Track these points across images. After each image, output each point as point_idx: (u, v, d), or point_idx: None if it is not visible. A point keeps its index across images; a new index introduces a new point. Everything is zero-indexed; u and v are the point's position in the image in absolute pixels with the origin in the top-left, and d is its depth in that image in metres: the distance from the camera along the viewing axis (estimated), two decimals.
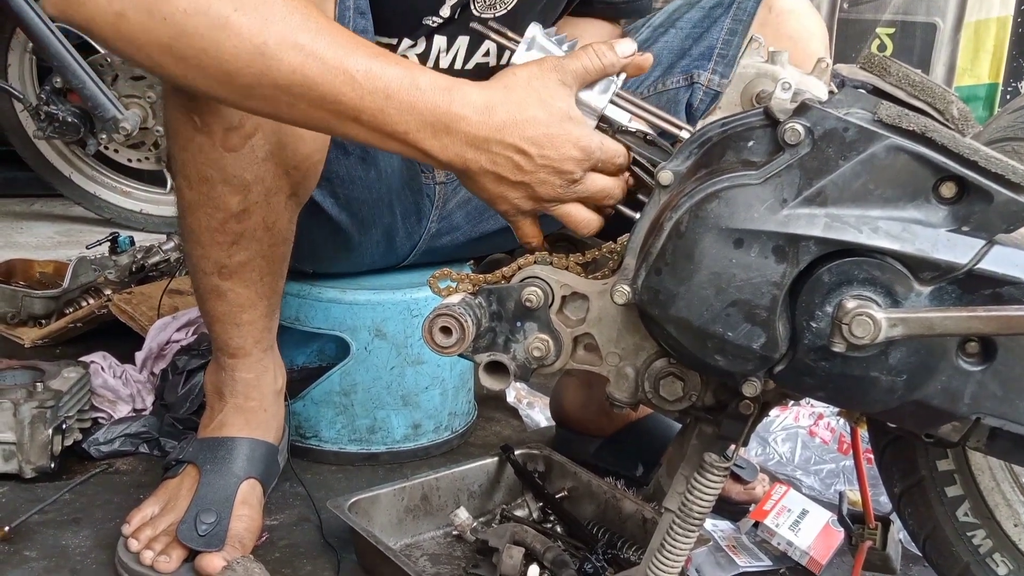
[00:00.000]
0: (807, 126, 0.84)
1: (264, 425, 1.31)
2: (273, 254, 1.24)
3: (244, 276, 1.24)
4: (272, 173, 1.18)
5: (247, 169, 1.16)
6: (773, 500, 1.36)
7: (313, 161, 1.22)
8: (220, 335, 1.29)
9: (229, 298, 1.25)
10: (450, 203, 1.50)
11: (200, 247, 1.22)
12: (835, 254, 0.85)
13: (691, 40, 1.42)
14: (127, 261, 2.06)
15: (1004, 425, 0.88)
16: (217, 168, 1.15)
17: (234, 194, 1.17)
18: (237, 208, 1.18)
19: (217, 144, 1.14)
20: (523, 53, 1.00)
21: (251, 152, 1.15)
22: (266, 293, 1.27)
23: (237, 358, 1.30)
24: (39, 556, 1.24)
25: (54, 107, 2.66)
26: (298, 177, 1.21)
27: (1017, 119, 1.04)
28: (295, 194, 1.23)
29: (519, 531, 1.22)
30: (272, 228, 1.22)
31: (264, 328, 1.29)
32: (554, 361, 0.99)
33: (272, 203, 1.20)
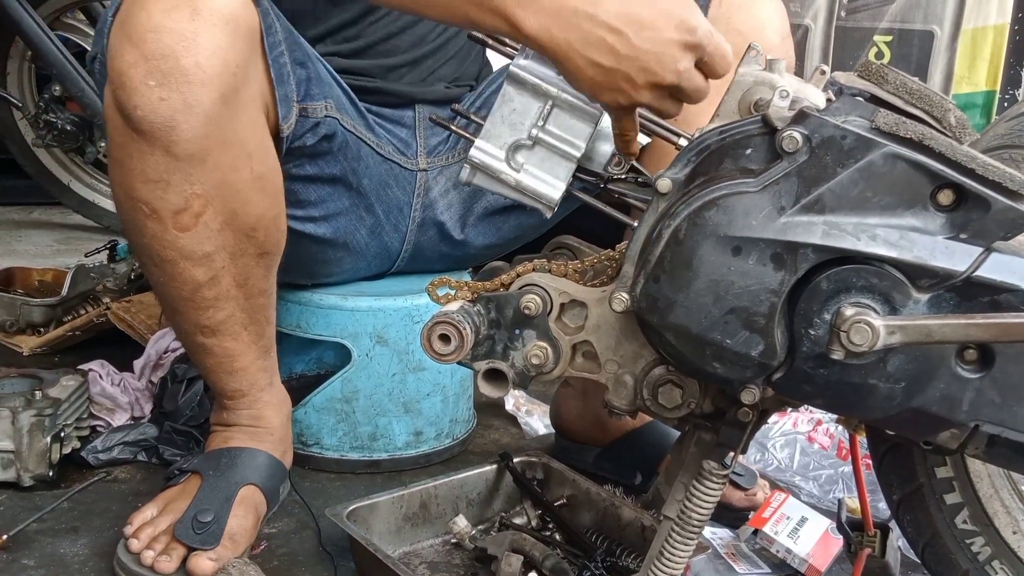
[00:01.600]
0: (805, 134, 0.85)
1: (271, 444, 1.32)
2: (252, 306, 1.24)
3: (227, 331, 1.24)
4: (232, 239, 1.18)
5: (204, 243, 1.16)
6: (772, 507, 1.36)
7: (269, 218, 1.22)
8: (216, 383, 1.30)
9: (217, 352, 1.26)
10: (432, 191, 1.50)
11: (177, 314, 1.23)
12: (833, 261, 0.85)
13: None
14: (126, 269, 2.06)
15: (1002, 432, 0.88)
16: (175, 249, 1.16)
17: (197, 267, 1.17)
18: (204, 278, 1.18)
19: (169, 227, 1.14)
20: (521, 61, 1.00)
21: (205, 227, 1.15)
22: (253, 340, 1.27)
23: (236, 399, 1.31)
24: (37, 564, 1.24)
25: (53, 115, 2.66)
26: (260, 237, 1.21)
27: (1014, 127, 1.04)
28: (265, 252, 1.23)
29: (518, 539, 1.22)
30: (245, 285, 1.22)
31: (259, 370, 1.30)
32: (553, 368, 0.99)
33: (239, 264, 1.20)
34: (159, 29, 1.07)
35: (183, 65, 1.07)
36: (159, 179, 1.12)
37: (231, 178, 1.15)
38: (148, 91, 1.07)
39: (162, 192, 1.12)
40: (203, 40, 1.08)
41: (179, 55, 1.07)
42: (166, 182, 1.12)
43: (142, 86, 1.07)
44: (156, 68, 1.07)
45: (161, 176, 1.12)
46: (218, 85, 1.10)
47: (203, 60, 1.08)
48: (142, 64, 1.07)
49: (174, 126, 1.09)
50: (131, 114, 1.08)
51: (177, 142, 1.10)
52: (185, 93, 1.08)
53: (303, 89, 1.25)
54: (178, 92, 1.08)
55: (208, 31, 1.09)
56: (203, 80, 1.08)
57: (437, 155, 1.50)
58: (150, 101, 1.08)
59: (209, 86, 1.09)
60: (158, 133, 1.09)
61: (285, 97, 1.20)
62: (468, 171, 1.02)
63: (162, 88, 1.07)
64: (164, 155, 1.10)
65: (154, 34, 1.07)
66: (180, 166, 1.11)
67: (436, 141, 1.50)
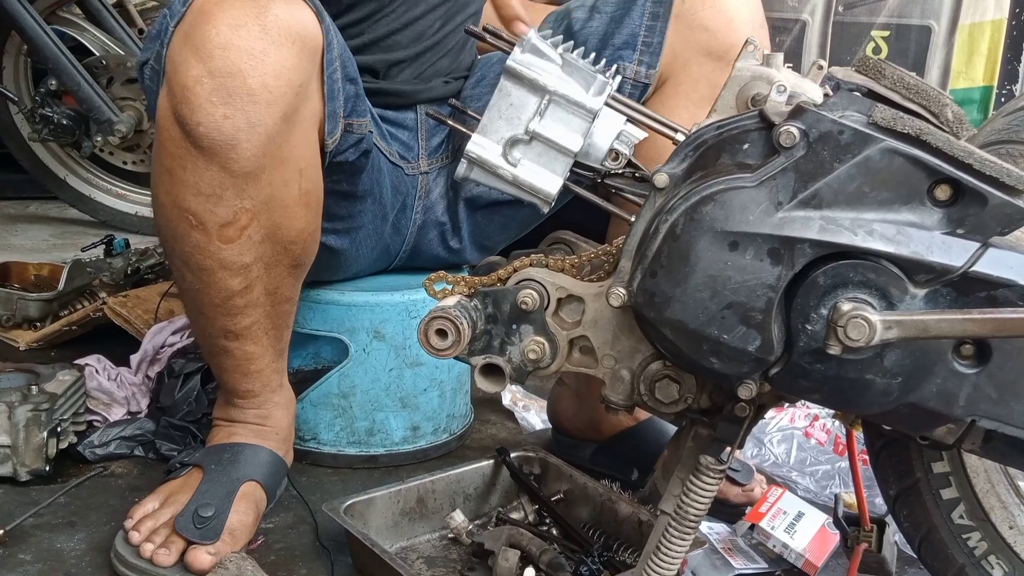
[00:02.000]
0: (802, 129, 0.85)
1: (275, 443, 1.32)
2: (277, 312, 1.25)
3: (250, 336, 1.24)
4: (271, 251, 1.19)
5: (245, 254, 1.17)
6: (769, 502, 1.36)
7: (308, 232, 1.23)
8: (229, 382, 1.30)
9: (237, 355, 1.26)
10: (433, 193, 1.50)
11: (204, 318, 1.23)
12: (830, 257, 0.85)
13: (614, 24, 1.37)
14: (122, 264, 2.06)
15: (999, 427, 0.88)
16: (216, 259, 1.16)
17: (234, 276, 1.17)
18: (239, 287, 1.19)
19: (214, 239, 1.14)
20: (518, 55, 1.00)
21: (248, 240, 1.16)
22: (272, 344, 1.28)
23: (247, 399, 1.31)
24: (34, 559, 1.24)
25: (49, 110, 2.66)
26: (297, 251, 1.22)
27: (1012, 122, 1.04)
28: (298, 264, 1.24)
29: (515, 534, 1.22)
30: (275, 293, 1.23)
31: (273, 372, 1.30)
32: (550, 363, 0.99)
33: (273, 274, 1.21)
34: (227, 46, 1.06)
35: (250, 85, 1.07)
36: (211, 193, 1.11)
37: (281, 194, 1.15)
38: (213, 108, 1.06)
39: (212, 206, 1.12)
40: (271, 59, 1.07)
41: (246, 74, 1.06)
42: (218, 196, 1.12)
43: (207, 103, 1.06)
44: (222, 86, 1.06)
45: (214, 191, 1.11)
46: (282, 105, 1.09)
47: (270, 80, 1.08)
48: (208, 80, 1.06)
49: (235, 144, 1.08)
50: (193, 130, 1.08)
51: (237, 160, 1.09)
52: (249, 112, 1.07)
53: (350, 105, 1.24)
54: (242, 111, 1.07)
55: (276, 50, 1.08)
56: (268, 100, 1.08)
57: (437, 155, 1.50)
58: (214, 119, 1.07)
59: (274, 106, 1.08)
60: (218, 150, 1.08)
61: (333, 113, 1.20)
62: (465, 166, 1.02)
63: (227, 106, 1.07)
64: (220, 171, 1.10)
65: (222, 51, 1.06)
66: (235, 182, 1.11)
67: (437, 142, 1.50)
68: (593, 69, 1.00)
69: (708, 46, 1.32)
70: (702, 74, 1.34)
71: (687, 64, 1.35)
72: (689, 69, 1.35)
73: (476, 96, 1.49)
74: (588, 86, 1.00)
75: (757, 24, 1.36)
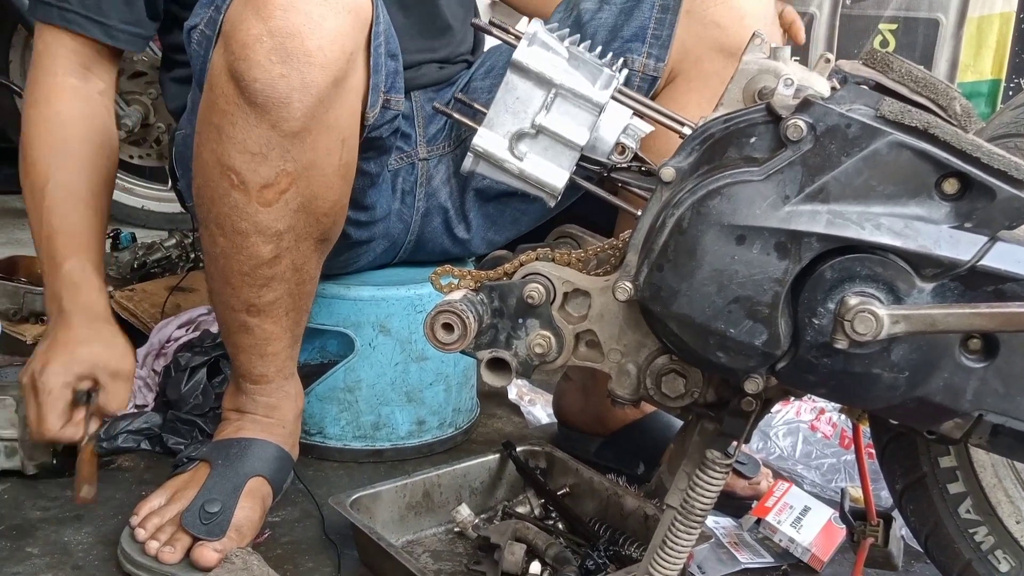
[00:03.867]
0: (809, 122, 0.84)
1: (281, 437, 1.32)
2: (300, 292, 1.26)
3: (272, 313, 1.25)
4: (304, 221, 1.20)
5: (280, 220, 1.18)
6: (775, 497, 1.36)
7: (341, 206, 1.25)
8: (244, 364, 1.30)
9: (256, 333, 1.26)
10: (434, 180, 1.50)
11: (230, 287, 1.23)
12: (837, 251, 0.84)
13: (623, 16, 1.37)
14: (129, 258, 2.06)
15: (1006, 422, 0.87)
16: (252, 222, 1.17)
17: (267, 243, 1.19)
18: (269, 256, 1.19)
19: (253, 200, 1.16)
20: (525, 49, 0.99)
21: (285, 205, 1.17)
22: (291, 327, 1.28)
23: (259, 384, 1.31)
24: (41, 553, 1.24)
25: None
26: (328, 223, 1.23)
27: (1020, 115, 1.04)
28: (324, 239, 1.25)
29: (521, 528, 1.22)
30: (300, 269, 1.24)
31: (287, 357, 1.31)
32: (556, 358, 0.99)
33: (302, 248, 1.22)
34: (288, 7, 1.09)
35: (307, 46, 1.09)
36: (258, 151, 1.13)
37: (322, 161, 1.17)
38: (271, 66, 1.09)
39: (257, 165, 1.14)
40: (329, 24, 1.10)
41: (305, 36, 1.09)
42: (264, 156, 1.13)
43: (266, 60, 1.09)
44: (281, 45, 1.08)
45: (261, 149, 1.13)
46: (334, 70, 1.11)
47: (326, 44, 1.10)
48: (267, 39, 1.08)
49: (288, 103, 1.10)
50: (249, 85, 1.10)
51: (287, 119, 1.11)
52: (304, 73, 1.10)
53: (390, 81, 1.25)
54: (298, 71, 1.09)
55: (334, 16, 1.10)
56: (323, 63, 1.10)
57: (436, 143, 1.50)
58: (271, 76, 1.09)
59: (327, 70, 1.11)
60: (271, 107, 1.10)
61: (376, 86, 1.21)
62: (471, 159, 1.02)
63: (284, 65, 1.09)
64: (269, 129, 1.12)
65: (283, 11, 1.09)
66: (281, 142, 1.13)
67: (435, 130, 1.50)
68: (599, 63, 1.00)
69: (720, 42, 1.32)
70: (714, 70, 1.33)
71: (699, 60, 1.34)
72: (701, 65, 1.34)
73: (485, 88, 1.49)
74: (594, 80, 0.99)
75: (769, 20, 1.36)
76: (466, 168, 1.02)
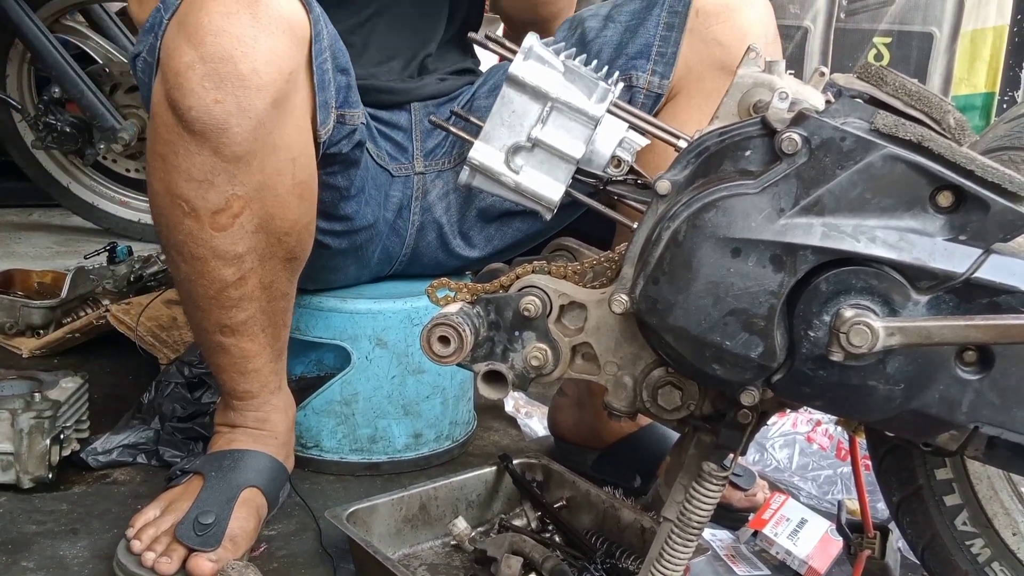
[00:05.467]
0: (804, 135, 0.85)
1: (274, 448, 1.32)
2: (273, 309, 1.26)
3: (246, 332, 1.25)
4: (265, 242, 1.19)
5: (238, 244, 1.18)
6: (772, 509, 1.36)
7: (303, 224, 1.24)
8: (227, 382, 1.30)
9: (233, 352, 1.26)
10: (430, 195, 1.50)
11: (200, 311, 1.23)
12: (832, 263, 0.85)
13: (628, 34, 1.38)
14: (125, 271, 2.06)
15: (1002, 434, 0.88)
16: (208, 247, 1.17)
17: (228, 267, 1.18)
18: (233, 278, 1.19)
19: (206, 226, 1.16)
20: (521, 63, 1.00)
21: (240, 229, 1.17)
22: (269, 342, 1.28)
23: (245, 400, 1.31)
24: (36, 567, 1.23)
25: (52, 117, 2.66)
26: (291, 242, 1.23)
27: (1014, 128, 1.04)
28: (292, 258, 1.24)
29: (517, 540, 1.22)
30: (270, 287, 1.23)
31: (271, 372, 1.30)
32: (552, 370, 0.99)
33: (268, 266, 1.21)
34: (219, 32, 1.08)
35: (241, 70, 1.09)
36: (203, 179, 1.13)
37: (273, 182, 1.17)
38: (204, 93, 1.09)
39: (204, 191, 1.14)
40: (261, 46, 1.10)
41: (237, 60, 1.09)
42: (210, 182, 1.13)
43: (199, 87, 1.09)
44: (214, 71, 1.08)
45: (206, 176, 1.13)
46: (272, 91, 1.11)
47: (260, 66, 1.10)
48: (200, 66, 1.08)
49: (226, 128, 1.10)
50: (185, 114, 1.10)
51: (228, 144, 1.11)
52: (240, 97, 1.09)
53: (342, 96, 1.25)
54: (233, 96, 1.09)
55: (267, 37, 1.10)
56: (259, 86, 1.10)
57: (435, 158, 1.50)
58: (205, 103, 1.09)
59: (264, 92, 1.10)
60: (209, 134, 1.10)
61: (325, 103, 1.21)
62: (467, 173, 1.02)
63: (218, 91, 1.09)
64: (212, 155, 1.12)
65: (214, 37, 1.08)
66: (226, 167, 1.12)
67: (433, 144, 1.50)
68: (595, 76, 1.01)
69: (722, 60, 1.32)
70: (715, 88, 1.33)
71: (700, 78, 1.35)
72: (703, 83, 1.35)
73: (488, 107, 1.49)
74: (590, 93, 1.00)
75: (771, 39, 1.36)
76: (462, 181, 1.03)
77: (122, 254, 2.12)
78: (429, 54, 1.52)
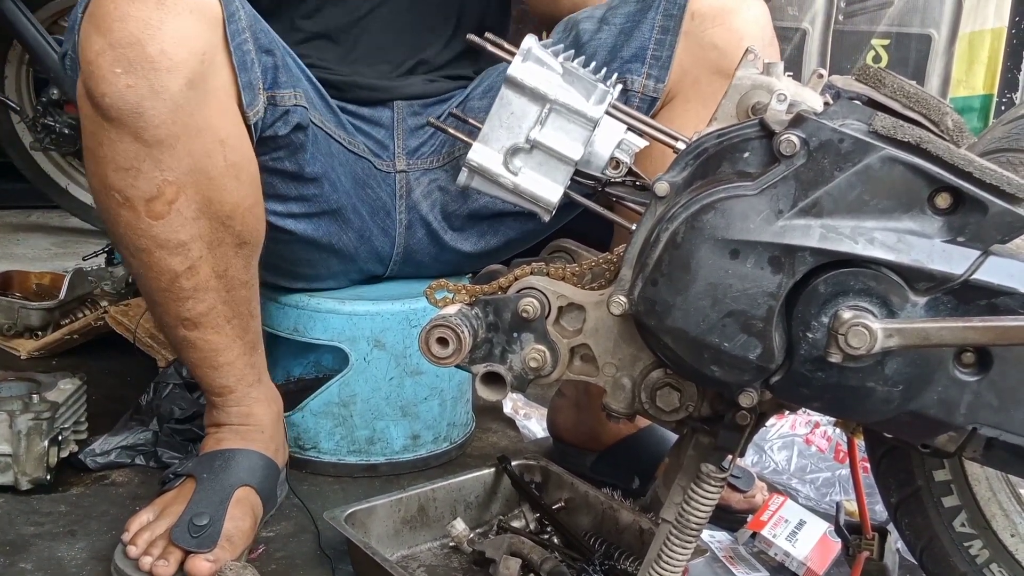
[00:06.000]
0: (802, 137, 0.85)
1: (263, 444, 1.32)
2: (234, 299, 1.25)
3: (209, 324, 1.24)
4: (208, 227, 1.19)
5: (179, 231, 1.17)
6: (770, 510, 1.36)
7: (246, 207, 1.22)
8: (202, 378, 1.30)
9: (200, 346, 1.26)
10: (414, 193, 1.49)
11: (158, 306, 1.23)
12: (831, 265, 0.85)
13: (623, 37, 1.37)
14: (123, 273, 2.06)
15: (1000, 435, 0.88)
16: (149, 237, 1.17)
17: (173, 256, 1.18)
18: (181, 268, 1.19)
19: (142, 216, 1.15)
20: (519, 65, 1.00)
21: (178, 215, 1.16)
22: (238, 335, 1.27)
23: (224, 396, 1.31)
24: (35, 568, 1.23)
25: (51, 119, 2.66)
26: (237, 226, 1.22)
27: (1012, 130, 1.05)
28: (244, 242, 1.23)
29: (516, 542, 1.22)
30: (224, 275, 1.22)
31: (245, 365, 1.30)
32: (551, 372, 0.99)
33: (218, 254, 1.21)
34: (125, 17, 1.09)
35: (149, 52, 1.09)
36: (129, 166, 1.13)
37: (204, 165, 1.16)
38: (115, 78, 1.09)
39: (133, 179, 1.13)
40: (168, 28, 1.10)
41: (144, 43, 1.09)
42: (136, 169, 1.13)
43: (110, 73, 1.09)
44: (123, 56, 1.09)
45: (132, 164, 1.13)
46: (184, 72, 1.11)
47: (168, 47, 1.10)
48: (109, 52, 1.09)
49: (141, 112, 1.10)
50: (100, 101, 1.10)
51: (145, 128, 1.11)
52: (152, 80, 1.09)
53: (270, 76, 1.25)
54: (144, 79, 1.09)
55: (173, 19, 1.10)
56: (169, 67, 1.10)
57: (420, 157, 1.49)
58: (117, 88, 1.09)
59: (175, 72, 1.10)
60: (126, 119, 1.10)
61: (249, 84, 1.20)
62: (466, 174, 1.02)
63: (129, 75, 1.09)
64: (133, 141, 1.11)
65: (120, 23, 1.09)
66: (150, 152, 1.12)
67: (417, 143, 1.49)
68: (594, 78, 1.01)
69: (718, 64, 1.32)
70: (712, 92, 1.33)
71: (697, 81, 1.34)
72: (699, 87, 1.34)
73: (483, 108, 1.48)
74: (589, 95, 1.00)
75: (768, 41, 1.35)
76: (461, 182, 1.03)
77: (120, 256, 2.12)
78: (425, 59, 1.51)
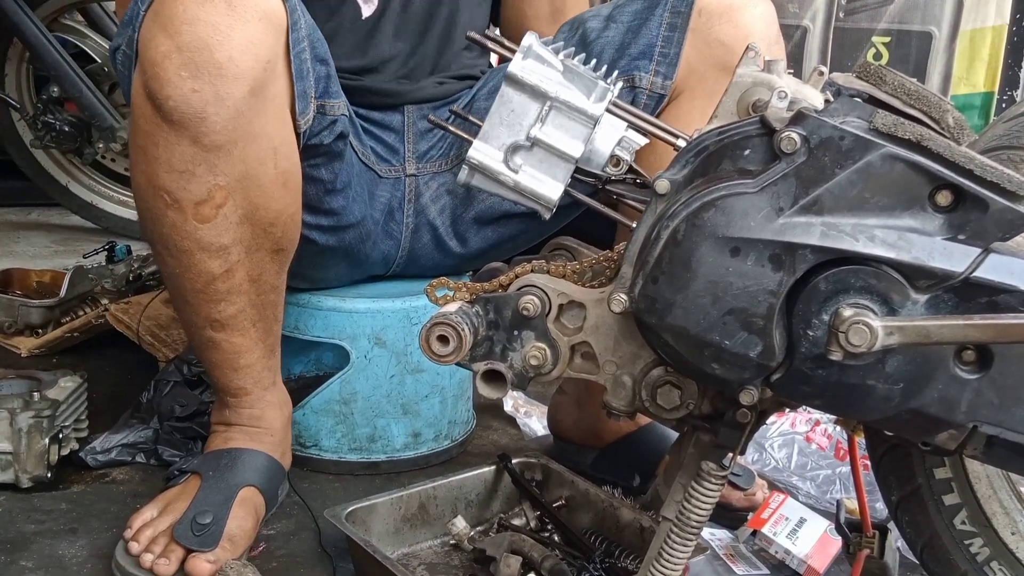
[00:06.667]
0: (803, 135, 0.85)
1: (271, 446, 1.32)
2: (263, 302, 1.25)
3: (236, 326, 1.24)
4: (250, 233, 1.19)
5: (223, 235, 1.17)
6: (771, 508, 1.36)
7: (288, 215, 1.23)
8: (219, 379, 1.30)
9: (224, 347, 1.26)
10: (423, 197, 1.50)
11: (189, 306, 1.23)
12: (831, 262, 0.85)
13: (630, 34, 1.37)
14: (124, 270, 2.06)
15: (1001, 433, 0.88)
16: (193, 239, 1.17)
17: (214, 259, 1.18)
18: (219, 271, 1.19)
19: (189, 218, 1.16)
20: (519, 62, 1.00)
21: (224, 220, 1.17)
22: (261, 337, 1.28)
23: (239, 397, 1.31)
24: (35, 566, 1.23)
25: (51, 116, 2.66)
26: (277, 233, 1.22)
27: (1012, 127, 1.04)
28: (280, 249, 1.24)
29: (517, 540, 1.22)
30: (258, 280, 1.23)
31: (264, 368, 1.30)
32: (551, 370, 0.99)
33: (254, 259, 1.21)
34: (194, 21, 1.09)
35: (217, 58, 1.09)
36: (184, 169, 1.13)
37: (256, 172, 1.17)
38: (181, 82, 1.09)
39: (186, 182, 1.14)
40: (237, 34, 1.10)
41: (213, 48, 1.09)
42: (191, 172, 1.13)
43: (175, 77, 1.09)
44: (190, 60, 1.09)
45: (187, 166, 1.13)
46: (249, 79, 1.11)
47: (236, 54, 1.10)
48: (176, 55, 1.09)
49: (204, 117, 1.10)
50: (163, 104, 1.10)
51: (206, 133, 1.11)
52: (217, 86, 1.10)
53: (322, 86, 1.26)
54: (210, 84, 1.09)
55: (242, 25, 1.10)
56: (235, 74, 1.10)
57: (429, 161, 1.49)
58: (182, 92, 1.09)
59: (241, 80, 1.11)
60: (188, 123, 1.10)
61: (303, 93, 1.21)
62: (466, 172, 1.02)
63: (195, 80, 1.09)
64: (191, 145, 1.12)
65: (189, 26, 1.09)
66: (207, 157, 1.13)
67: (427, 147, 1.49)
68: (594, 75, 1.00)
69: (724, 61, 1.32)
70: (717, 89, 1.32)
71: (703, 78, 1.34)
72: (705, 83, 1.34)
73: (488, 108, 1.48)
74: (589, 92, 1.00)
75: (773, 39, 1.35)
76: (461, 180, 1.03)
77: (121, 253, 2.12)
78: (435, 62, 1.51)
